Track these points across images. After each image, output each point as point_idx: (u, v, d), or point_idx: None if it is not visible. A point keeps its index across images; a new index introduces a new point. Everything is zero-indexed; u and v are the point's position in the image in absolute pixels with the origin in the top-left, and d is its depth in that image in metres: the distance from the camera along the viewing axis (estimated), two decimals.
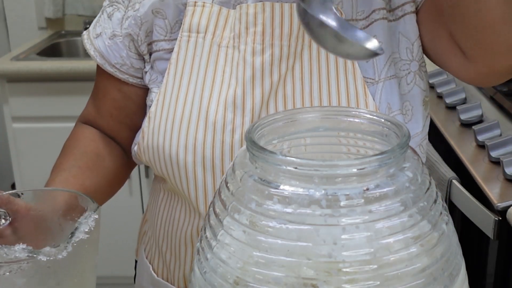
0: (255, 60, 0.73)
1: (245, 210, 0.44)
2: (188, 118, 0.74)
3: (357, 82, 0.73)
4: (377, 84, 0.74)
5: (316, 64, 0.73)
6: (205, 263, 0.46)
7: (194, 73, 0.75)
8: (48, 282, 0.46)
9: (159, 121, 0.76)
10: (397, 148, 0.44)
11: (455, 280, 0.45)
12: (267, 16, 0.73)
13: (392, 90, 0.75)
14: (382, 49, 0.51)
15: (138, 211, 2.15)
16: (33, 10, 2.47)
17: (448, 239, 0.45)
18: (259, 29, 0.73)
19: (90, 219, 0.48)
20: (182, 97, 0.75)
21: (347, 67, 0.73)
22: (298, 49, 0.73)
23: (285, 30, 0.72)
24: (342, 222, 0.42)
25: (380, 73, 0.74)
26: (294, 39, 0.73)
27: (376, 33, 0.74)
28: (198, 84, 0.74)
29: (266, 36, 0.73)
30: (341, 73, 0.73)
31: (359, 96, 0.73)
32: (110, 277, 2.18)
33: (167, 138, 0.74)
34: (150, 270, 0.87)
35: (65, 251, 0.46)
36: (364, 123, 0.52)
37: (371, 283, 0.41)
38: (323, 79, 0.73)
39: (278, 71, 0.73)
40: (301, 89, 0.73)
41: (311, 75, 0.73)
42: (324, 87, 0.73)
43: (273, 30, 0.73)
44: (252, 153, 0.45)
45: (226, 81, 0.74)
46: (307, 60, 0.73)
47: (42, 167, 2.12)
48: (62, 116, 2.04)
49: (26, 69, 2.00)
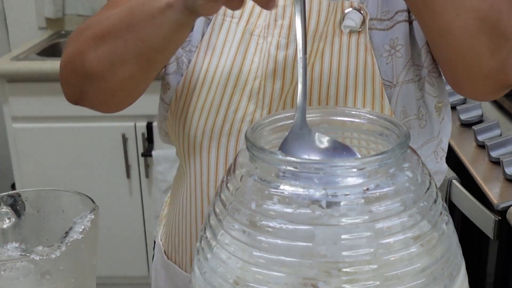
0: (278, 54, 0.72)
1: (245, 210, 0.44)
2: (210, 102, 0.74)
3: (375, 84, 0.72)
4: (394, 87, 0.73)
5: (336, 63, 0.73)
6: (205, 263, 0.46)
7: (223, 59, 0.75)
8: (43, 281, 0.46)
9: (184, 100, 0.76)
10: (397, 148, 0.44)
11: (455, 280, 0.45)
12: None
13: (409, 94, 0.74)
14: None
15: (138, 211, 2.15)
16: (33, 10, 2.47)
17: (448, 239, 0.45)
18: (286, 22, 0.72)
19: (85, 219, 0.48)
20: (208, 81, 0.74)
21: (367, 68, 0.72)
22: (321, 46, 0.73)
23: (311, 27, 0.72)
24: (342, 222, 0.42)
25: (398, 77, 0.74)
26: (318, 36, 0.72)
27: (398, 35, 0.73)
28: (225, 71, 0.74)
29: (292, 31, 0.72)
30: (360, 74, 0.72)
31: (375, 98, 0.72)
32: (110, 277, 2.18)
33: (188, 119, 0.75)
34: (162, 252, 0.88)
35: (59, 250, 0.46)
36: (364, 123, 0.52)
37: (371, 283, 0.41)
38: (341, 78, 0.72)
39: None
40: (319, 87, 0.73)
41: (330, 73, 0.73)
42: (342, 86, 0.73)
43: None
44: (252, 153, 0.45)
45: (253, 71, 0.73)
46: (328, 57, 0.73)
47: (42, 167, 2.12)
48: (62, 116, 2.04)
49: (26, 69, 2.00)
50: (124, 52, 0.70)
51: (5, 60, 2.06)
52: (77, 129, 2.06)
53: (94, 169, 2.10)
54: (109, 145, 2.07)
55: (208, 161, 0.75)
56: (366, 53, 0.72)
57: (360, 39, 0.72)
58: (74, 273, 0.48)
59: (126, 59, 0.70)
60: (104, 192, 2.09)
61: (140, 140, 2.05)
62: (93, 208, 0.50)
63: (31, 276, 0.46)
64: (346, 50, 0.73)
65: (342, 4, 0.72)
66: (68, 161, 2.10)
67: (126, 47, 0.69)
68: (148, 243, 2.18)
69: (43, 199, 0.55)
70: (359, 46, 0.72)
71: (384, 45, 0.73)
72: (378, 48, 0.73)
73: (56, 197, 0.55)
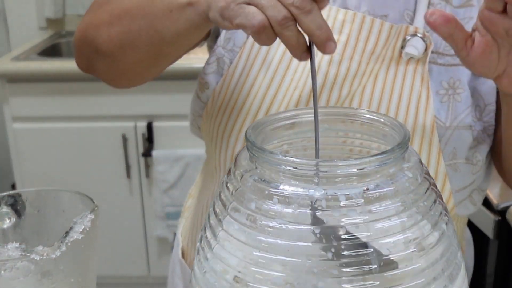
0: (330, 70, 0.69)
1: (245, 210, 0.44)
2: (247, 110, 0.71)
3: (427, 118, 0.69)
4: (446, 129, 0.70)
5: (389, 88, 0.69)
6: (205, 263, 0.46)
7: (266, 64, 0.72)
8: (43, 281, 0.46)
9: (221, 103, 0.73)
10: (397, 148, 0.44)
11: (455, 280, 0.45)
12: (355, 28, 0.69)
13: (462, 139, 0.71)
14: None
15: (138, 211, 2.15)
16: (33, 10, 2.47)
17: (448, 239, 0.45)
18: (343, 38, 0.69)
19: (85, 219, 0.48)
20: (247, 86, 0.72)
21: (421, 100, 0.69)
22: (376, 68, 0.70)
23: (369, 47, 0.69)
24: (342, 222, 0.42)
25: (452, 121, 0.70)
26: (375, 58, 0.69)
27: (462, 78, 0.70)
28: (267, 78, 0.71)
29: (348, 48, 0.69)
30: (413, 105, 0.69)
31: (425, 132, 0.69)
32: (110, 277, 2.18)
33: (223, 122, 0.73)
34: (180, 248, 0.88)
35: (59, 250, 0.46)
36: (364, 123, 0.52)
37: (371, 283, 0.41)
38: (392, 105, 0.69)
39: (350, 86, 0.69)
40: (368, 108, 0.70)
41: (381, 98, 0.69)
42: (392, 113, 0.69)
43: (356, 43, 0.69)
44: (252, 153, 0.45)
45: (295, 81, 0.70)
46: (381, 81, 0.70)
47: (42, 167, 2.12)
48: (62, 116, 2.05)
49: (26, 69, 2.00)
50: (136, 37, 0.68)
51: (6, 60, 2.06)
52: (77, 129, 2.06)
53: (94, 169, 2.10)
54: (109, 145, 2.07)
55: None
56: (422, 84, 0.69)
57: (418, 68, 0.69)
58: (74, 273, 0.48)
59: (137, 45, 0.69)
60: (104, 192, 2.09)
61: (140, 140, 2.06)
62: (93, 208, 0.50)
63: (31, 276, 0.46)
64: (402, 77, 0.69)
65: (406, 29, 0.69)
66: (68, 161, 2.10)
67: (139, 33, 0.68)
68: (148, 243, 2.18)
69: (43, 199, 0.55)
70: (415, 76, 0.69)
71: (442, 81, 0.70)
72: (435, 83, 0.70)
73: (56, 197, 0.55)
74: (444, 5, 0.71)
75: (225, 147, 0.74)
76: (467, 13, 0.71)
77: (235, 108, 0.72)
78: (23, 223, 0.54)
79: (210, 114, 0.75)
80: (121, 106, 2.02)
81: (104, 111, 2.03)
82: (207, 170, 0.85)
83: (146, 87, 2.00)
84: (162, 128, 2.04)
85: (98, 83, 1.98)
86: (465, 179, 0.73)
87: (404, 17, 0.71)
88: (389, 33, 0.69)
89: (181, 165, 2.04)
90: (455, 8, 0.71)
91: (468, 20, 0.71)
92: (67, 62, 2.04)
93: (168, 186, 2.06)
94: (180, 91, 1.96)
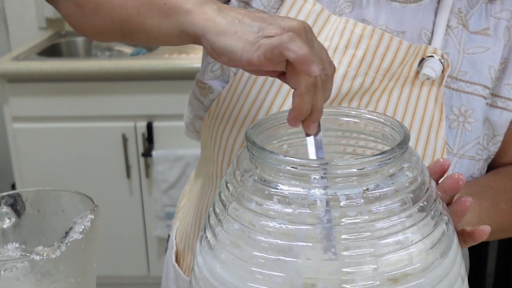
0: (343, 84, 0.68)
1: (245, 210, 0.44)
2: (252, 118, 0.70)
3: (438, 141, 0.69)
4: (453, 156, 0.70)
5: (403, 107, 0.69)
6: (205, 263, 0.46)
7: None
8: (43, 281, 0.46)
9: (226, 109, 0.72)
10: (397, 148, 0.44)
11: (455, 280, 0.45)
12: (373, 44, 0.68)
13: (468, 167, 0.71)
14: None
15: (138, 211, 2.15)
16: (33, 10, 2.47)
17: (448, 239, 0.45)
18: (359, 53, 0.68)
19: (85, 219, 0.48)
20: (253, 94, 0.70)
21: (433, 122, 0.69)
22: (390, 85, 0.69)
23: (385, 64, 0.68)
24: (342, 222, 0.42)
25: (459, 149, 0.70)
26: (390, 75, 0.68)
27: (475, 108, 0.70)
28: (274, 86, 0.69)
29: (363, 64, 0.68)
30: (425, 126, 0.69)
31: (435, 155, 0.69)
32: (110, 277, 2.18)
33: (227, 129, 0.72)
34: (173, 252, 0.88)
35: (59, 250, 0.46)
36: (364, 123, 0.52)
37: (371, 283, 0.41)
38: (405, 124, 0.68)
39: (359, 100, 0.69)
40: None
41: (394, 115, 0.68)
42: None
43: (373, 59, 0.68)
44: (252, 153, 0.45)
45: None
46: (395, 99, 0.69)
47: (42, 167, 2.12)
48: (62, 116, 2.05)
49: (26, 69, 2.00)
50: (117, 13, 0.65)
51: (6, 60, 2.06)
52: (77, 129, 2.06)
53: (94, 169, 2.10)
54: (109, 145, 2.07)
55: None
56: (436, 106, 0.69)
57: (433, 89, 0.69)
58: (74, 273, 0.48)
59: (113, 18, 0.65)
60: (104, 192, 2.09)
61: (140, 140, 2.05)
62: (93, 208, 0.50)
63: (31, 276, 0.46)
64: (416, 97, 0.69)
65: (425, 49, 0.68)
66: (68, 161, 2.10)
67: (122, 11, 0.64)
68: (148, 243, 2.18)
69: (43, 199, 0.55)
70: (429, 97, 0.69)
71: (452, 106, 0.70)
72: (446, 107, 0.70)
73: (56, 197, 0.55)
74: (461, 29, 0.70)
75: (229, 153, 0.73)
76: (483, 42, 0.70)
77: (240, 115, 0.71)
78: (23, 223, 0.54)
79: (215, 117, 0.74)
80: (121, 106, 2.02)
81: (104, 111, 2.03)
82: (204, 173, 0.85)
83: (146, 87, 2.01)
84: (162, 128, 2.04)
85: (98, 83, 1.99)
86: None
87: (422, 36, 0.70)
88: (406, 52, 0.68)
89: (181, 165, 2.04)
90: (471, 33, 0.70)
91: (484, 50, 0.70)
92: (67, 62, 2.04)
93: (168, 186, 2.06)
94: (180, 91, 1.96)
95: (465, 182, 0.51)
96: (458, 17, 0.70)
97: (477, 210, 0.63)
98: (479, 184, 0.70)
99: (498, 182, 0.71)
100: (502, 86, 0.71)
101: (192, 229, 0.85)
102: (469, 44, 0.70)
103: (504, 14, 0.70)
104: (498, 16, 0.70)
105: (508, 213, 0.68)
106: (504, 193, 0.69)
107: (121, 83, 1.99)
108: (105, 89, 2.00)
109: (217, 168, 0.76)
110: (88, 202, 0.52)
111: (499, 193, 0.69)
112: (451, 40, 0.70)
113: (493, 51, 0.70)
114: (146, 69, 1.97)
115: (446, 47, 0.69)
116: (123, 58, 2.23)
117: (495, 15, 0.70)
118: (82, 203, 0.53)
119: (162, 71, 1.97)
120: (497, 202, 0.67)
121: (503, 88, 0.71)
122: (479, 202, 0.65)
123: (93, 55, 2.29)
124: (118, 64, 1.97)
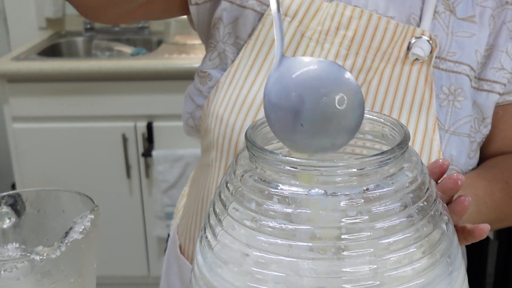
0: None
1: (245, 210, 0.44)
2: (251, 101, 0.73)
3: (429, 118, 0.71)
4: (445, 132, 0.72)
5: (394, 85, 0.72)
6: (204, 263, 0.46)
7: (270, 57, 0.73)
8: (43, 281, 0.46)
9: (225, 94, 0.75)
10: (397, 148, 0.44)
11: (455, 280, 0.45)
12: (362, 24, 0.71)
13: (461, 144, 0.73)
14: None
15: (138, 211, 2.15)
16: (33, 10, 2.47)
17: (448, 239, 0.45)
18: (349, 34, 0.71)
19: (85, 219, 0.48)
20: (251, 77, 0.73)
21: (424, 100, 0.71)
22: (381, 66, 0.72)
23: (374, 44, 0.71)
24: (342, 222, 0.42)
25: (450, 126, 0.73)
26: (380, 55, 0.71)
27: (464, 87, 0.72)
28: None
29: (354, 43, 0.71)
30: (416, 104, 0.71)
31: (427, 131, 0.71)
32: (110, 277, 2.18)
33: (226, 113, 0.74)
34: (177, 245, 0.88)
35: (59, 250, 0.46)
36: (364, 123, 0.52)
37: (371, 283, 0.41)
38: (397, 101, 0.71)
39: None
40: (372, 105, 0.72)
41: (386, 94, 0.72)
42: (396, 110, 0.72)
43: (363, 39, 0.72)
44: (252, 153, 0.45)
45: None
46: (387, 78, 0.72)
47: (42, 167, 2.12)
48: (62, 116, 2.05)
49: (26, 69, 2.00)
50: None
51: (6, 60, 2.06)
52: (77, 129, 2.06)
53: (94, 169, 2.10)
54: (109, 145, 2.07)
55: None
56: (426, 84, 0.71)
57: (422, 69, 0.71)
58: (74, 273, 0.48)
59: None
60: (104, 192, 2.09)
61: (140, 140, 2.06)
62: (93, 208, 0.50)
63: (31, 276, 0.46)
64: (407, 76, 0.71)
65: (413, 30, 0.71)
66: (68, 161, 2.10)
67: None
68: (148, 243, 2.18)
69: (43, 199, 0.55)
70: (419, 76, 0.72)
71: (442, 86, 0.73)
72: (435, 87, 0.72)
73: (56, 197, 0.55)
74: (448, 14, 0.73)
75: (229, 138, 0.75)
76: (469, 28, 0.73)
77: (238, 100, 0.74)
78: (23, 223, 0.54)
79: (214, 104, 0.76)
80: (121, 106, 2.02)
81: (104, 111, 2.03)
82: (202, 165, 0.86)
83: (146, 87, 2.01)
84: (162, 128, 2.04)
85: (98, 83, 1.99)
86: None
87: (410, 21, 0.73)
88: (394, 31, 0.71)
89: (181, 165, 2.04)
90: (459, 20, 0.73)
91: (470, 35, 0.73)
92: (67, 62, 2.04)
93: (168, 186, 2.06)
94: (180, 91, 1.96)
95: (464, 181, 0.52)
96: (445, 4, 0.73)
97: (474, 200, 0.65)
98: (471, 176, 0.72)
99: (488, 173, 0.73)
100: (487, 70, 0.74)
101: (192, 219, 0.85)
102: (457, 28, 0.73)
103: (489, 3, 0.74)
104: (483, 5, 0.74)
105: (504, 201, 0.70)
106: (496, 182, 0.71)
107: (121, 83, 1.99)
108: (105, 89, 2.00)
109: (217, 152, 0.77)
110: (88, 202, 0.52)
111: (491, 182, 0.71)
112: (438, 24, 0.73)
113: (479, 37, 0.73)
114: (146, 69, 1.97)
115: (434, 30, 0.72)
116: (123, 58, 2.23)
117: (481, 4, 0.74)
118: (82, 203, 0.53)
119: (162, 71, 1.98)
120: (492, 191, 0.69)
121: (488, 71, 0.74)
122: (475, 192, 0.67)
123: (93, 55, 2.30)
124: (118, 64, 1.97)
